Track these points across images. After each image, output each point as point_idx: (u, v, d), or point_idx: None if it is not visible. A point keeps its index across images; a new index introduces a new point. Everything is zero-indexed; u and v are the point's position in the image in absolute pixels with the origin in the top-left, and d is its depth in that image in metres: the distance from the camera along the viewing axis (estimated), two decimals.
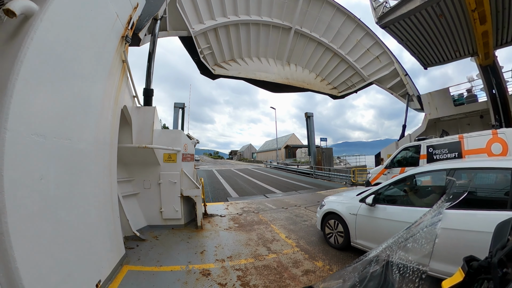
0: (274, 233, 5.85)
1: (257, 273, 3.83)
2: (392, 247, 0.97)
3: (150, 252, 4.60)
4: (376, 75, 14.92)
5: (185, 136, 6.90)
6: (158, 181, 6.01)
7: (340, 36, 14.15)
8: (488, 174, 3.24)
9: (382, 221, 3.88)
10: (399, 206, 3.83)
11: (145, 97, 6.30)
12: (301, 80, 15.59)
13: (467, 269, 0.78)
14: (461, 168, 3.40)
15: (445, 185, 3.29)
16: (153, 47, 6.65)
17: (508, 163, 2.98)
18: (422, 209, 3.25)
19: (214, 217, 7.26)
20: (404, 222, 3.31)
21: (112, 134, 3.95)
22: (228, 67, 13.02)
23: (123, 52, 4.21)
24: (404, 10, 8.93)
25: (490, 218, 2.73)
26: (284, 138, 69.91)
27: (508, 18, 9.27)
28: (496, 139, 6.75)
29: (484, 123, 12.38)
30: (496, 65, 10.82)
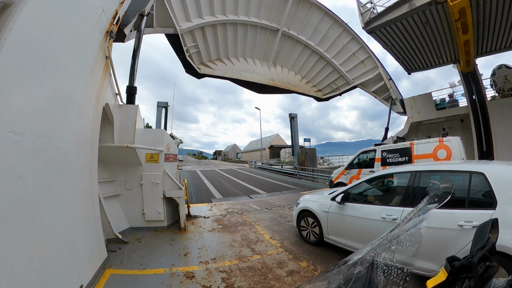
0: (258, 234, 5.86)
1: (241, 274, 3.82)
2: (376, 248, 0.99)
3: (133, 255, 4.50)
4: (360, 79, 15.26)
5: (168, 136, 6.78)
6: (140, 182, 5.87)
7: (326, 40, 14.37)
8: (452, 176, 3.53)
9: (351, 218, 4.20)
10: (366, 205, 4.17)
11: (128, 95, 6.11)
12: (286, 82, 15.69)
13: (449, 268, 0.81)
14: (424, 170, 3.71)
15: (409, 186, 3.67)
16: (138, 44, 6.47)
17: (472, 167, 3.29)
18: (387, 207, 3.74)
19: (197, 219, 7.18)
20: (370, 219, 3.86)
21: (94, 133, 3.80)
22: (214, 66, 12.91)
23: (107, 48, 4.06)
24: (391, 17, 9.21)
25: (451, 216, 3.03)
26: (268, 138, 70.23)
27: (488, 29, 9.92)
28: (442, 146, 7.61)
29: (464, 126, 13.16)
30: (476, 72, 11.42)
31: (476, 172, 3.16)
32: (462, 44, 9.29)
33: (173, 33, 9.42)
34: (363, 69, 14.95)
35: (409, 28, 9.86)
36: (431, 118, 14.00)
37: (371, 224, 3.85)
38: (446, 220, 3.05)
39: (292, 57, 15.29)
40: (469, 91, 11.54)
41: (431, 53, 11.96)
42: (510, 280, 0.73)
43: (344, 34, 14.07)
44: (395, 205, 3.70)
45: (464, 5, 7.46)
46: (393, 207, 3.66)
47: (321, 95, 17.24)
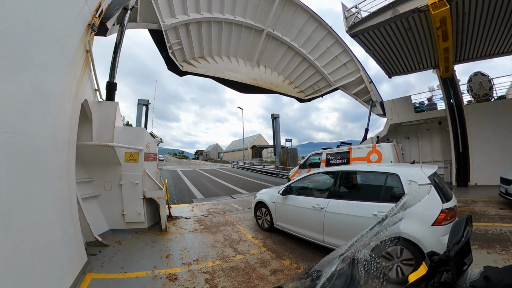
0: (241, 233, 5.85)
1: (225, 275, 3.78)
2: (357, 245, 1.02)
3: (114, 258, 4.34)
4: (342, 81, 15.60)
5: (148, 134, 6.62)
6: (119, 182, 5.65)
7: (310, 42, 14.57)
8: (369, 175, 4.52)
9: (291, 207, 5.15)
10: (302, 196, 5.05)
11: (107, 91, 5.85)
12: (269, 82, 15.76)
13: (429, 263, 0.87)
14: (343, 171, 4.62)
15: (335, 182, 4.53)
16: (121, 38, 6.21)
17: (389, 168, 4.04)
18: (317, 199, 4.62)
19: (179, 220, 7.06)
20: (304, 207, 4.74)
21: (71, 130, 3.60)
22: (197, 64, 12.71)
23: (88, 41, 3.87)
24: (375, 22, 9.46)
25: (368, 207, 3.76)
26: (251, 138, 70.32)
27: (466, 39, 10.56)
28: (374, 150, 9.01)
29: (442, 128, 13.78)
30: (455, 78, 12.06)
31: (392, 173, 3.87)
32: (442, 51, 9.77)
33: (156, 29, 9.16)
34: (345, 71, 15.30)
35: (391, 33, 10.20)
36: (410, 120, 14.52)
37: (305, 211, 4.74)
38: (364, 210, 3.77)
39: (275, 58, 15.39)
40: (447, 95, 12.16)
41: (412, 58, 12.46)
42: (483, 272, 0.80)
43: (328, 37, 14.34)
44: (323, 197, 4.56)
45: (445, 15, 7.85)
46: (322, 199, 4.52)
47: (303, 96, 17.47)
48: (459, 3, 8.27)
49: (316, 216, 4.43)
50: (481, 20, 9.29)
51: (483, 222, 5.86)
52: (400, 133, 15.43)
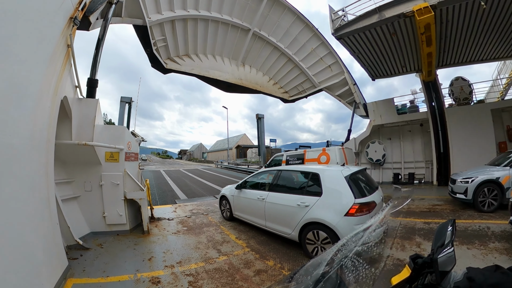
0: (224, 234, 5.84)
1: (208, 277, 3.75)
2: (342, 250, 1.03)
3: (96, 261, 4.21)
4: (326, 83, 15.75)
5: (129, 133, 6.46)
6: (99, 183, 5.46)
7: (296, 43, 14.59)
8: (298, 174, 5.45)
9: (243, 199, 6.23)
10: (251, 190, 6.10)
11: (88, 88, 5.59)
12: (254, 82, 15.66)
13: (413, 265, 0.89)
14: (286, 170, 5.73)
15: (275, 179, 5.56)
16: (104, 33, 5.94)
17: (313, 168, 5.01)
18: (260, 192, 5.67)
19: (161, 221, 6.95)
20: (252, 199, 5.83)
21: (50, 128, 3.42)
22: (181, 62, 12.43)
23: (70, 35, 3.68)
24: (360, 25, 9.62)
25: (294, 198, 4.74)
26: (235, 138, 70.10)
27: (449, 45, 10.99)
28: (324, 153, 10.19)
29: (423, 130, 14.24)
30: (437, 82, 12.51)
31: (314, 172, 4.75)
32: (425, 56, 10.16)
33: (141, 25, 8.87)
34: (329, 73, 15.44)
35: (376, 37, 10.42)
36: (393, 122, 14.91)
37: (252, 202, 5.80)
38: (291, 201, 4.73)
39: (261, 58, 15.32)
40: (429, 98, 12.63)
41: (395, 62, 12.81)
42: (466, 273, 0.83)
43: (314, 39, 14.44)
44: (265, 190, 5.58)
45: (430, 21, 8.18)
46: (264, 192, 5.57)
47: (287, 96, 17.50)
48: (443, 11, 8.59)
49: (260, 205, 5.50)
50: (463, 28, 9.73)
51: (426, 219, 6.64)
52: (382, 134, 15.85)
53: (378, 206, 4.28)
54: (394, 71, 14.08)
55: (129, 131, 6.68)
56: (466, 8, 8.46)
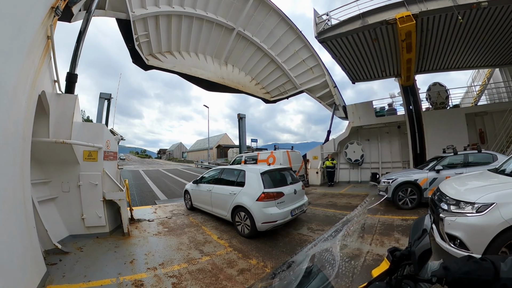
0: (206, 235, 5.82)
1: (192, 278, 3.72)
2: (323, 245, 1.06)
3: (76, 266, 4.02)
4: (307, 85, 16.06)
5: (107, 131, 6.26)
6: (77, 183, 5.21)
7: (279, 44, 14.75)
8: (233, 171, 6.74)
9: (198, 191, 7.66)
10: (206, 184, 7.42)
11: (67, 83, 5.30)
12: (236, 81, 15.65)
13: (391, 258, 0.94)
14: (227, 168, 7.27)
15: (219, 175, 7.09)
16: (86, 26, 5.64)
17: (243, 167, 6.63)
18: (210, 185, 7.09)
19: (141, 222, 6.78)
20: (203, 191, 7.31)
21: (26, 125, 3.19)
22: (163, 58, 12.16)
23: (50, 26, 3.45)
24: (343, 30, 9.86)
25: (227, 188, 6.31)
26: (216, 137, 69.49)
27: (428, 52, 11.56)
28: (271, 155, 11.94)
29: (401, 132, 14.91)
30: (415, 86, 13.10)
31: (242, 169, 6.31)
32: (405, 62, 10.59)
33: (124, 19, 8.56)
34: (311, 75, 15.76)
35: (358, 42, 10.73)
36: (371, 124, 15.48)
37: (204, 193, 7.30)
38: (225, 190, 6.35)
39: (244, 58, 15.33)
40: (407, 102, 13.19)
41: (376, 67, 13.27)
42: (442, 262, 0.90)
43: (297, 41, 14.66)
44: (213, 184, 7.05)
45: (411, 29, 8.54)
46: (211, 185, 7.07)
47: (269, 97, 17.65)
48: (424, 20, 9.02)
49: (208, 195, 7.03)
50: (442, 38, 10.29)
51: None
52: (361, 135, 16.38)
53: (288, 196, 5.76)
54: (374, 75, 14.59)
55: (108, 129, 6.49)
56: (445, 19, 8.97)
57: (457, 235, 3.36)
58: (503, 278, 0.77)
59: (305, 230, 6.04)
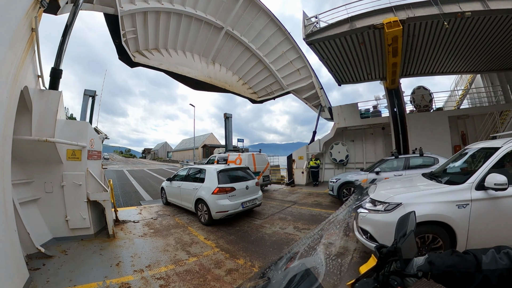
0: (193, 235, 5.80)
1: (179, 279, 3.70)
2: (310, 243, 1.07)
3: (60, 270, 3.87)
4: (294, 86, 16.17)
5: (92, 130, 6.09)
6: (61, 183, 5.02)
7: (268, 45, 14.77)
8: (198, 169, 7.85)
9: (171, 188, 8.64)
10: (177, 181, 8.39)
11: (51, 79, 5.06)
12: (223, 80, 15.55)
13: (378, 255, 0.97)
14: (193, 167, 8.43)
15: (188, 173, 8.21)
16: (73, 19, 5.38)
17: (203, 166, 7.74)
18: (181, 182, 8.06)
19: (127, 224, 6.67)
20: (174, 187, 8.35)
21: (7, 122, 3.02)
22: (150, 56, 11.88)
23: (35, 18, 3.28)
24: (331, 33, 9.99)
25: (193, 184, 7.35)
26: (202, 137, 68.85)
27: (414, 57, 11.91)
28: (239, 157, 12.88)
29: (385, 133, 15.36)
30: (400, 89, 13.45)
31: (203, 168, 7.39)
32: (391, 65, 10.86)
33: (112, 14, 8.29)
34: (298, 77, 15.89)
35: (346, 45, 10.91)
36: (356, 125, 15.90)
37: (175, 189, 8.36)
38: (190, 186, 7.45)
39: (232, 57, 15.26)
40: (392, 104, 13.53)
41: (361, 69, 13.54)
42: (427, 257, 0.93)
43: (285, 42, 14.73)
44: (182, 181, 8.09)
45: (397, 34, 8.76)
46: (181, 182, 8.07)
47: (256, 97, 17.66)
48: (411, 26, 9.30)
49: (178, 191, 8.12)
50: (428, 43, 10.66)
51: None
52: (346, 136, 16.77)
53: (239, 190, 6.83)
54: (360, 78, 14.92)
55: (92, 128, 6.32)
56: (431, 26, 9.29)
57: (367, 229, 3.82)
58: (484, 270, 0.82)
59: (291, 229, 6.12)
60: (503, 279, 0.79)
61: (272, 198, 10.98)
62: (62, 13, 5.40)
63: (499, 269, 0.80)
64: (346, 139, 16.64)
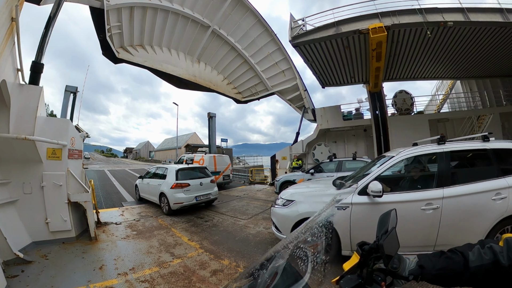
0: (176, 237, 5.75)
1: (164, 281, 3.65)
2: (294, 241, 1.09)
3: (41, 276, 3.68)
4: (279, 87, 16.32)
5: (73, 128, 5.90)
6: (41, 184, 4.79)
7: (254, 46, 14.80)
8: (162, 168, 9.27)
9: (142, 184, 9.69)
10: (146, 179, 9.50)
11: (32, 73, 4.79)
12: (208, 80, 15.42)
13: (361, 252, 0.99)
14: (160, 167, 9.60)
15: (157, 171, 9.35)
16: (57, 11, 5.07)
17: (167, 166, 9.40)
18: (150, 179, 9.22)
19: (109, 226, 6.53)
20: (145, 184, 9.53)
21: None
22: (134, 52, 11.57)
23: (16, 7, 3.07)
24: (317, 36, 10.17)
25: (157, 181, 8.67)
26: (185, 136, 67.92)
27: (397, 62, 12.35)
28: (202, 158, 14.47)
29: (367, 135, 15.82)
30: (382, 93, 13.89)
31: (166, 167, 8.77)
32: (374, 70, 11.20)
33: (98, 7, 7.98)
34: (282, 78, 16.07)
35: (330, 48, 11.14)
36: (338, 127, 16.24)
37: (145, 186, 9.45)
38: (156, 182, 8.65)
39: (217, 56, 15.17)
40: (374, 107, 13.98)
41: (345, 73, 13.89)
42: (418, 261, 0.96)
43: (271, 44, 14.83)
44: (151, 178, 9.25)
45: (382, 40, 9.06)
46: (150, 179, 9.23)
47: (240, 97, 17.62)
48: (395, 32, 9.63)
49: (147, 187, 9.26)
50: (411, 50, 11.09)
51: None
52: (328, 137, 17.12)
53: (194, 186, 8.05)
54: (343, 81, 15.31)
55: (73, 125, 6.11)
56: (415, 33, 9.69)
57: (273, 220, 4.61)
58: (471, 267, 0.86)
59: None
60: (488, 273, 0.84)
61: (256, 198, 11.03)
62: (46, 3, 5.12)
63: (484, 264, 0.84)
64: (329, 140, 16.98)
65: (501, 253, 0.83)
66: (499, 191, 3.40)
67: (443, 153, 3.69)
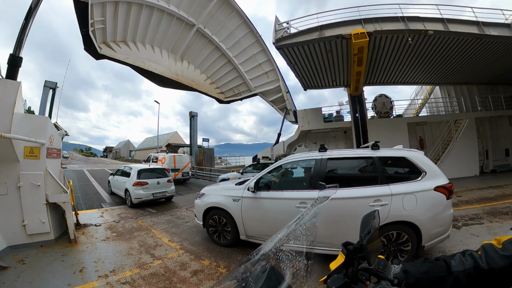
0: (156, 238, 5.71)
1: (145, 283, 3.65)
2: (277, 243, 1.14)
3: (18, 282, 3.52)
4: (261, 88, 16.49)
5: (51, 125, 5.70)
6: (17, 184, 4.58)
7: (238, 46, 14.85)
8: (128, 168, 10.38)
9: (113, 181, 10.96)
10: (116, 176, 10.70)
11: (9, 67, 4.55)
12: (191, 79, 15.35)
13: (346, 251, 1.04)
14: (127, 166, 10.73)
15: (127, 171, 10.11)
16: (38, 2, 4.77)
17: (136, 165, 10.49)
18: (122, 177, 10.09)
19: (88, 227, 6.38)
20: (115, 181, 10.77)
21: None
22: (117, 48, 11.30)
23: None
24: (301, 39, 10.36)
25: (124, 178, 9.88)
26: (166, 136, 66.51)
27: (377, 67, 12.81)
28: (164, 157, 16.40)
29: (346, 137, 16.33)
30: (362, 96, 14.33)
31: (131, 167, 10.02)
32: (355, 74, 11.55)
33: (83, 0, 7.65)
34: (265, 79, 16.26)
35: (313, 52, 11.38)
36: (319, 128, 16.67)
37: (115, 182, 10.72)
38: (122, 179, 9.87)
39: (201, 56, 15.11)
40: (354, 110, 14.41)
41: (327, 76, 14.24)
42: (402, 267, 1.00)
43: (256, 45, 14.94)
44: (119, 176, 10.38)
45: (364, 45, 9.34)
46: (119, 176, 10.39)
47: (223, 97, 17.64)
48: (377, 38, 9.99)
49: (116, 183, 10.47)
50: (391, 55, 11.54)
51: None
52: (309, 139, 17.52)
53: (151, 185, 9.16)
54: (325, 84, 15.70)
55: (52, 123, 5.88)
56: (396, 40, 10.10)
57: (194, 212, 5.71)
58: (454, 271, 0.92)
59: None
60: (471, 277, 0.89)
61: None
62: None
63: (466, 269, 0.90)
64: (309, 142, 17.33)
65: (480, 258, 0.90)
66: (378, 198, 3.60)
67: (320, 160, 4.17)
